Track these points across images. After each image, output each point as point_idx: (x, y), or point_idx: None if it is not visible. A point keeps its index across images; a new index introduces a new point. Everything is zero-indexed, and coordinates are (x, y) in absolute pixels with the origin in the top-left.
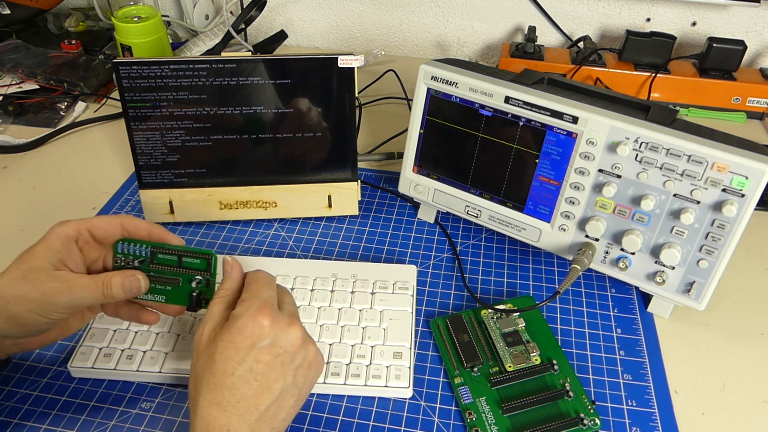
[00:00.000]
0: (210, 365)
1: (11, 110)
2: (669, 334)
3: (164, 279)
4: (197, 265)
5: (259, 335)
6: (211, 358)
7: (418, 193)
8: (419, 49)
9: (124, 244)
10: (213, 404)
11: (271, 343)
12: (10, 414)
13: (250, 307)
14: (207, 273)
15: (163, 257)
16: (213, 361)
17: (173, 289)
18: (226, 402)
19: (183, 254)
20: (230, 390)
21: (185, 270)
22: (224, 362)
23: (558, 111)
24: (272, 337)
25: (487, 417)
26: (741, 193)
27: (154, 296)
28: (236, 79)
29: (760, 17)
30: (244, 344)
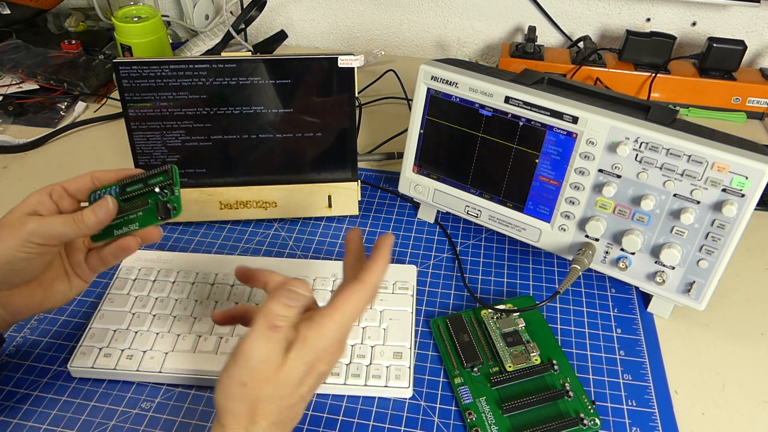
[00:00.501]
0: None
1: (11, 110)
2: (669, 334)
3: (136, 205)
4: (161, 180)
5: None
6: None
7: (418, 193)
8: (419, 49)
9: (95, 193)
10: (274, 424)
11: (327, 370)
12: (10, 414)
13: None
14: (170, 182)
15: (131, 187)
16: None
17: (144, 213)
18: (283, 422)
19: (146, 177)
20: (289, 410)
21: (150, 188)
22: (299, 385)
23: (558, 111)
24: (330, 364)
25: (487, 417)
26: (741, 193)
27: (129, 227)
28: (236, 79)
29: (760, 17)
30: (317, 369)
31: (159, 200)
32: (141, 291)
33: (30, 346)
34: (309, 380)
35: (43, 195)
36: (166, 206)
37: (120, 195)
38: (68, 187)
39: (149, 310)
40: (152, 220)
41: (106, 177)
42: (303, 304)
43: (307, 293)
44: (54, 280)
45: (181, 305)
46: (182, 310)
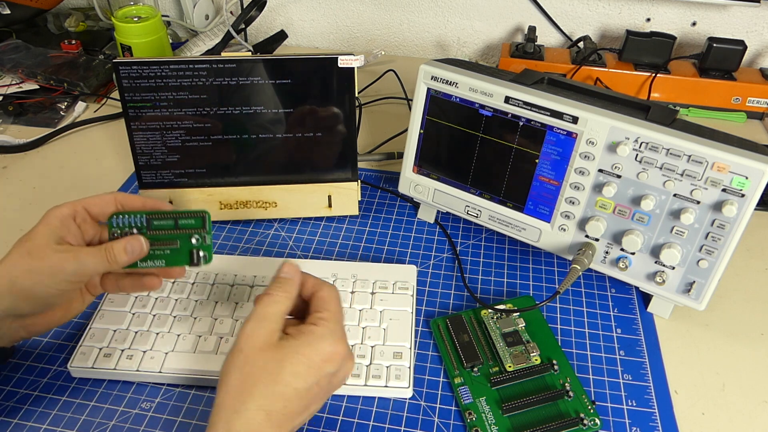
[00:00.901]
0: (274, 371)
1: (11, 110)
2: (669, 334)
3: (162, 243)
4: (193, 224)
5: (331, 362)
6: (278, 364)
7: (418, 193)
8: (419, 49)
9: (118, 217)
10: (262, 410)
11: (335, 372)
12: (10, 414)
13: (334, 332)
14: (203, 230)
15: (159, 222)
16: (281, 369)
17: (172, 252)
18: (276, 412)
19: (178, 216)
20: (284, 402)
21: (182, 231)
22: (293, 374)
23: (558, 111)
24: (339, 367)
25: (487, 417)
26: (741, 193)
27: (155, 261)
28: (236, 79)
29: (760, 17)
30: (316, 366)
31: (191, 247)
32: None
33: (30, 346)
34: (309, 376)
35: (67, 218)
36: (198, 254)
37: (146, 228)
38: (91, 209)
39: (149, 310)
40: (179, 262)
41: (131, 203)
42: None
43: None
44: (72, 301)
45: (181, 305)
46: (182, 310)
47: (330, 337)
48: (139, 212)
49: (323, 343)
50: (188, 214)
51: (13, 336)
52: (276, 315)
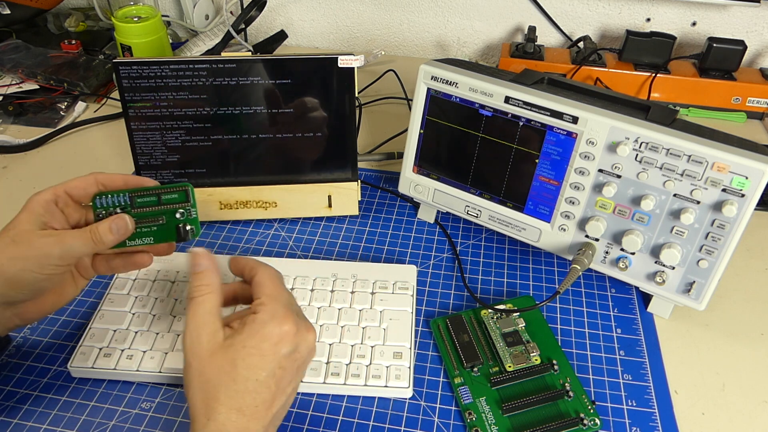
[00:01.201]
0: (230, 371)
1: (11, 110)
2: (669, 334)
3: (148, 220)
4: (176, 199)
5: (284, 343)
6: (231, 363)
7: (418, 193)
8: (419, 49)
9: (101, 197)
10: (233, 410)
11: (293, 350)
12: (10, 414)
13: (275, 314)
14: (188, 204)
15: (143, 200)
16: (234, 367)
17: (158, 228)
18: (246, 406)
19: (161, 192)
20: (252, 395)
21: (166, 206)
22: (248, 369)
23: (558, 111)
24: (295, 344)
25: (487, 417)
26: (741, 193)
27: (142, 239)
28: (236, 79)
29: (760, 17)
30: (269, 351)
31: (177, 221)
32: (141, 291)
33: (30, 346)
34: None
35: (49, 203)
36: (185, 228)
37: (131, 206)
38: (72, 192)
39: (149, 310)
40: (167, 238)
41: (112, 182)
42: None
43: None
44: (64, 285)
45: (181, 305)
46: (182, 310)
47: (272, 320)
48: (122, 191)
49: (267, 327)
50: (171, 188)
51: (6, 324)
52: (209, 315)
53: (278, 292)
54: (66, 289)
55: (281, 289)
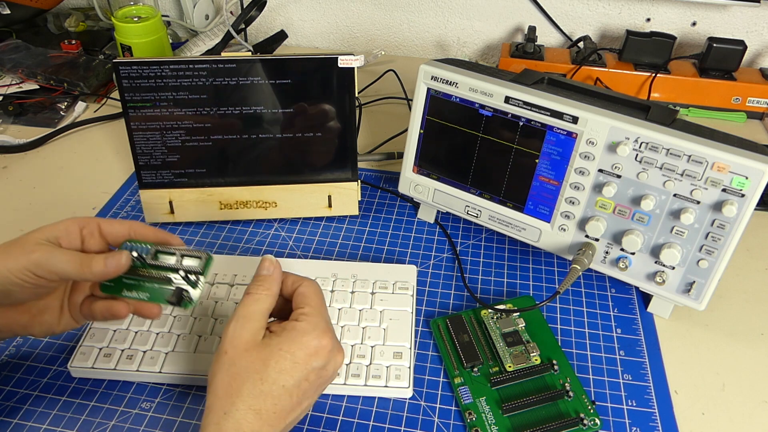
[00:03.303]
0: (260, 370)
1: (11, 110)
2: (669, 334)
3: (158, 276)
4: (194, 267)
5: (318, 356)
6: (263, 362)
7: (418, 193)
8: (419, 49)
9: (130, 245)
10: (252, 410)
11: (323, 366)
12: (10, 414)
13: (317, 326)
14: (200, 274)
15: (163, 256)
16: (266, 367)
17: (160, 288)
18: (265, 410)
19: (183, 253)
20: (274, 400)
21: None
22: (278, 372)
23: (558, 111)
24: (326, 361)
25: (487, 417)
26: (741, 193)
27: (139, 293)
28: (236, 79)
29: (760, 17)
30: (302, 360)
31: (180, 285)
32: None
33: (30, 346)
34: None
35: (74, 225)
36: (180, 294)
37: (151, 257)
38: (104, 227)
39: None
40: (161, 299)
41: (144, 233)
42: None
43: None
44: (45, 311)
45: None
46: (183, 310)
47: (313, 331)
48: (151, 244)
49: (306, 337)
50: (193, 253)
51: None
52: (258, 313)
53: (322, 307)
54: (44, 317)
55: (324, 304)
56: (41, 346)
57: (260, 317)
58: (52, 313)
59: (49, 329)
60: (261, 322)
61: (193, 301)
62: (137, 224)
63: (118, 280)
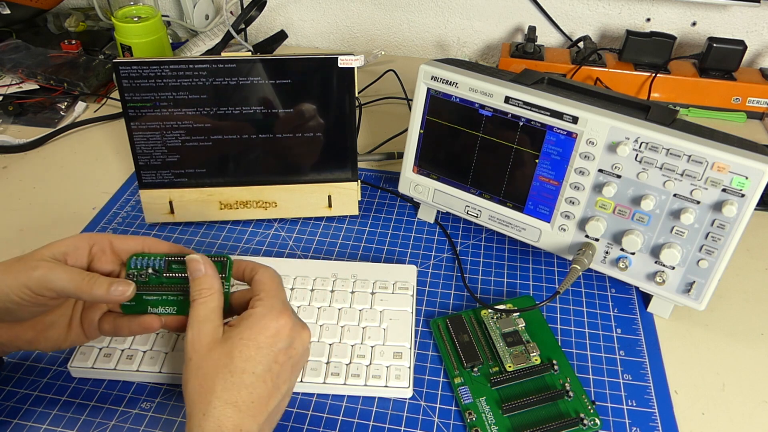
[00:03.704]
0: (227, 363)
1: (11, 110)
2: (669, 334)
3: (176, 288)
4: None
5: (280, 336)
6: (228, 355)
7: (418, 193)
8: (419, 49)
9: (137, 258)
10: (228, 404)
11: (289, 345)
12: (10, 414)
13: (273, 308)
14: (223, 275)
15: (178, 266)
16: (231, 359)
17: (186, 299)
18: (242, 401)
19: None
20: (248, 389)
21: None
22: (244, 360)
23: (558, 111)
24: (290, 339)
25: (487, 417)
26: (741, 193)
27: (166, 308)
28: (236, 79)
29: (760, 17)
30: (265, 344)
31: None
32: None
33: None
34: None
35: (83, 241)
36: None
37: (164, 270)
38: (116, 244)
39: None
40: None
41: (158, 247)
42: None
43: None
44: (50, 327)
45: None
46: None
47: (269, 314)
48: (160, 254)
49: (264, 320)
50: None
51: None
52: (211, 313)
53: (277, 289)
54: (50, 332)
55: (280, 287)
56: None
57: (214, 316)
58: (59, 329)
59: (55, 345)
60: (216, 321)
61: (225, 305)
62: (150, 240)
63: (139, 298)
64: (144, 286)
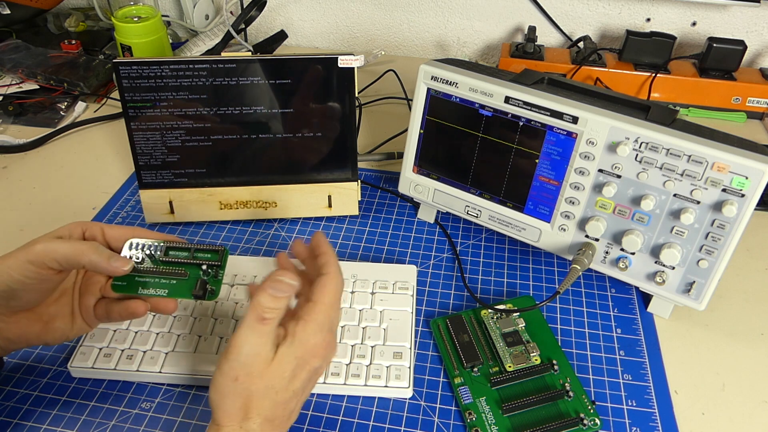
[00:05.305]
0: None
1: (11, 110)
2: (669, 334)
3: (171, 272)
4: (209, 258)
5: (319, 354)
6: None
7: (418, 193)
8: (419, 49)
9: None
10: (267, 420)
11: (322, 363)
12: (10, 414)
13: (323, 325)
14: (218, 264)
15: (174, 252)
16: (281, 380)
17: (178, 282)
18: (277, 417)
19: (194, 249)
20: (284, 406)
21: (196, 262)
22: (290, 380)
23: (558, 111)
24: (324, 358)
25: (487, 417)
26: (741, 193)
27: (156, 290)
28: (236, 79)
29: (760, 17)
30: (309, 363)
31: (200, 278)
32: None
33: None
34: (302, 375)
35: (76, 227)
36: (205, 286)
37: (162, 255)
38: (107, 231)
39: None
40: (184, 294)
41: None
42: (290, 295)
43: (293, 282)
44: (56, 317)
45: (181, 305)
46: (182, 310)
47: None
48: (160, 241)
49: (314, 339)
50: (207, 247)
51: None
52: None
53: (335, 304)
54: (57, 323)
55: (338, 302)
56: (41, 346)
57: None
58: (64, 318)
59: (62, 335)
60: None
61: (215, 293)
62: (140, 230)
63: (131, 279)
64: (139, 269)
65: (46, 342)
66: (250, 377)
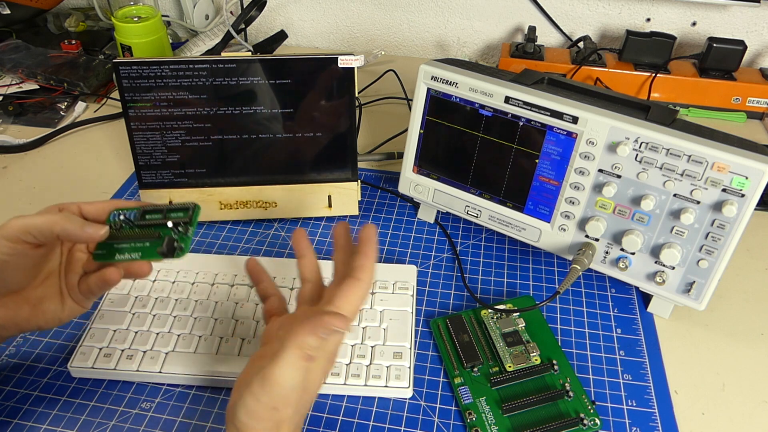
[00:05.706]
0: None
1: (11, 110)
2: (669, 334)
3: (146, 234)
4: (180, 216)
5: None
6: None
7: (418, 193)
8: (419, 49)
9: (117, 213)
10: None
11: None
12: (10, 414)
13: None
14: (187, 221)
15: (150, 215)
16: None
17: (151, 244)
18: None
19: (168, 209)
20: (305, 410)
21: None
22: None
23: (558, 111)
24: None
25: (487, 417)
26: (741, 193)
27: (131, 254)
28: (236, 79)
29: (760, 17)
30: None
31: (168, 235)
32: (141, 291)
33: (30, 346)
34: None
35: (53, 207)
36: (172, 243)
37: (139, 219)
38: (85, 208)
39: (149, 310)
40: (153, 254)
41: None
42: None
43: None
44: (44, 299)
45: (181, 305)
46: (182, 310)
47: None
48: (137, 207)
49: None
50: (178, 206)
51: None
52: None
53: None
54: (46, 305)
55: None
56: (41, 346)
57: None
58: (53, 300)
59: (54, 317)
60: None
61: (184, 249)
62: (117, 201)
63: (110, 247)
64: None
65: (39, 326)
66: (288, 406)
